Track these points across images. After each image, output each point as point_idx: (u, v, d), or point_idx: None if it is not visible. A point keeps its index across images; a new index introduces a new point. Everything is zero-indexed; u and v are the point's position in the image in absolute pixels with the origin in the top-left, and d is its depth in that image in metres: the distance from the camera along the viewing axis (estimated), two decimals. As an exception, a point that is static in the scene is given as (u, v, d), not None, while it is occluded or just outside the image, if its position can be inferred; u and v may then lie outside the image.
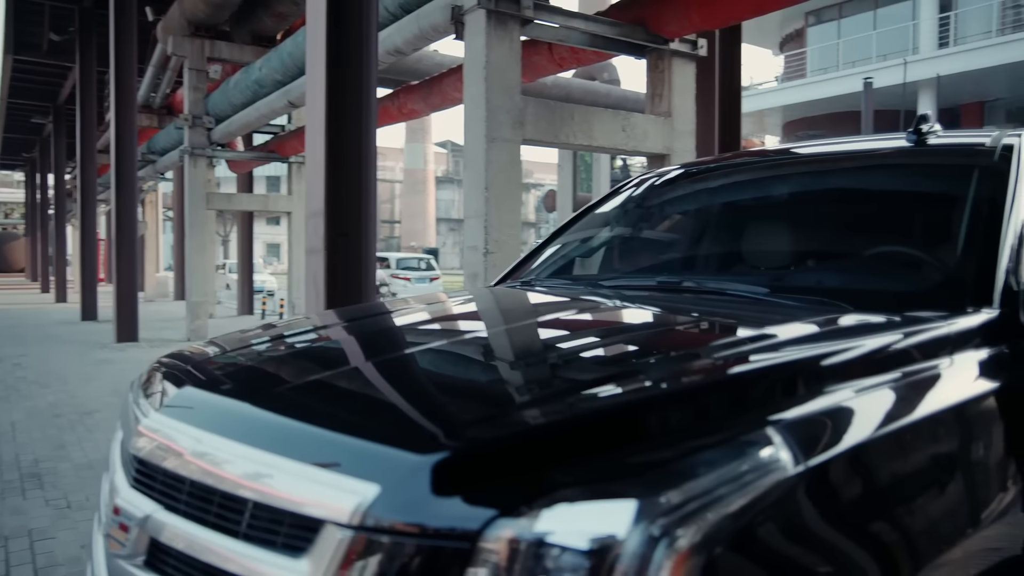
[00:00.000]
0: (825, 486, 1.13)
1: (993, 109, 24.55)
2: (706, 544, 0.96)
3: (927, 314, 1.61)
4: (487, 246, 5.29)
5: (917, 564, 1.21)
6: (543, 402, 1.27)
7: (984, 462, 1.43)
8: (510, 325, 1.98)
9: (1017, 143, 2.13)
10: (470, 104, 5.50)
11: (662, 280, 2.25)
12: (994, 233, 1.82)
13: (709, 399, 1.22)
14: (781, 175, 2.55)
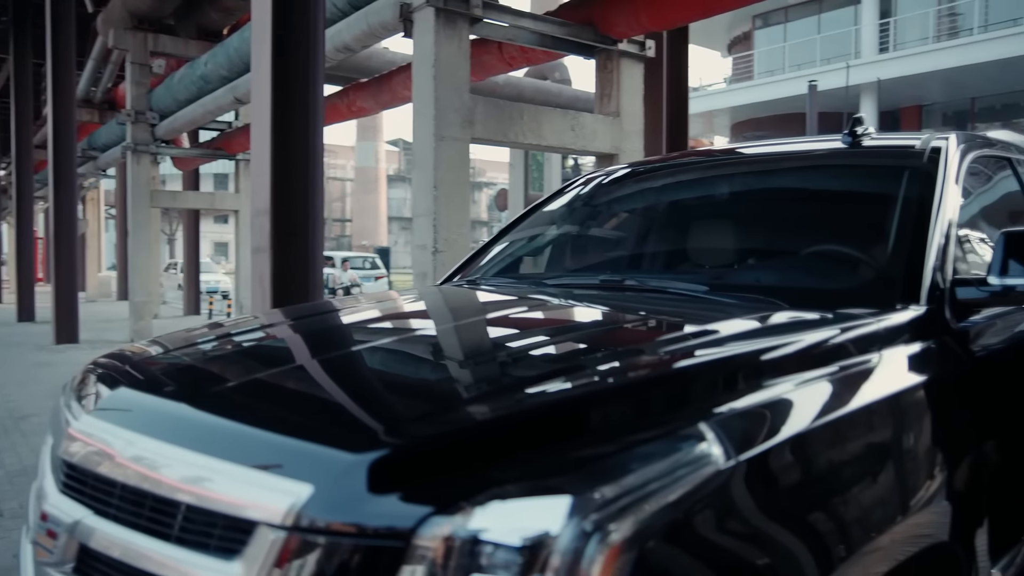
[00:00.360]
0: (758, 478, 1.16)
1: (930, 113, 25.35)
2: (638, 537, 0.98)
3: (858, 311, 1.66)
4: (436, 245, 5.28)
5: (849, 550, 1.24)
6: (481, 400, 1.28)
7: (911, 452, 1.48)
8: (451, 324, 1.98)
9: (945, 146, 2.21)
10: (419, 102, 5.48)
11: (605, 278, 2.27)
12: (922, 233, 1.89)
13: (645, 395, 1.24)
14: (721, 175, 2.60)
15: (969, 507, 1.59)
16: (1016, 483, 1.91)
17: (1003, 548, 1.78)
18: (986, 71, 21.19)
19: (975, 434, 1.67)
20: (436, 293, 2.50)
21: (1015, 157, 2.66)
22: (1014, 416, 1.89)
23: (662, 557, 1.01)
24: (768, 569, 1.12)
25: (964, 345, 1.78)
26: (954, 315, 1.80)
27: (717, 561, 1.08)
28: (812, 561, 1.17)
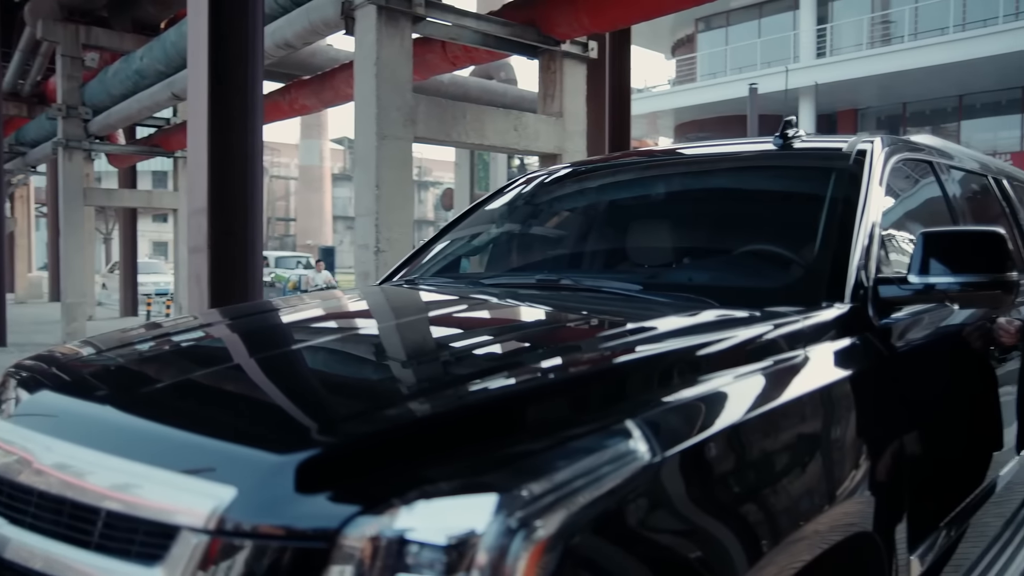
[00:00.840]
0: (685, 472, 1.17)
1: (866, 116, 26.16)
2: (564, 533, 0.98)
3: (785, 309, 1.70)
4: (378, 244, 5.24)
5: (775, 540, 1.27)
6: (410, 398, 1.27)
7: (835, 445, 1.52)
8: (384, 324, 1.97)
9: (870, 148, 2.28)
10: (361, 101, 5.43)
11: (541, 278, 2.29)
12: (847, 233, 1.95)
13: (572, 393, 1.25)
14: (657, 176, 2.64)
15: (890, 497, 1.65)
16: (934, 473, 1.98)
17: (921, 535, 1.84)
18: (916, 77, 21.96)
19: (896, 426, 1.72)
20: (372, 293, 2.48)
21: (936, 160, 2.76)
22: (932, 409, 1.96)
23: (588, 552, 1.03)
24: (696, 561, 1.15)
25: (886, 341, 1.84)
26: (877, 312, 1.86)
27: (645, 554, 1.09)
28: (738, 552, 1.20)
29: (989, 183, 3.38)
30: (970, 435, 2.29)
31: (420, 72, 7.77)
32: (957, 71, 21.16)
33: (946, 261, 1.84)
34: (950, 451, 2.11)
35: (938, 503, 2.00)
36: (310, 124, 47.10)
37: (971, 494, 2.22)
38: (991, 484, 2.40)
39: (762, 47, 25.92)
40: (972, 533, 2.34)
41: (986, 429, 2.38)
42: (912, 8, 23.39)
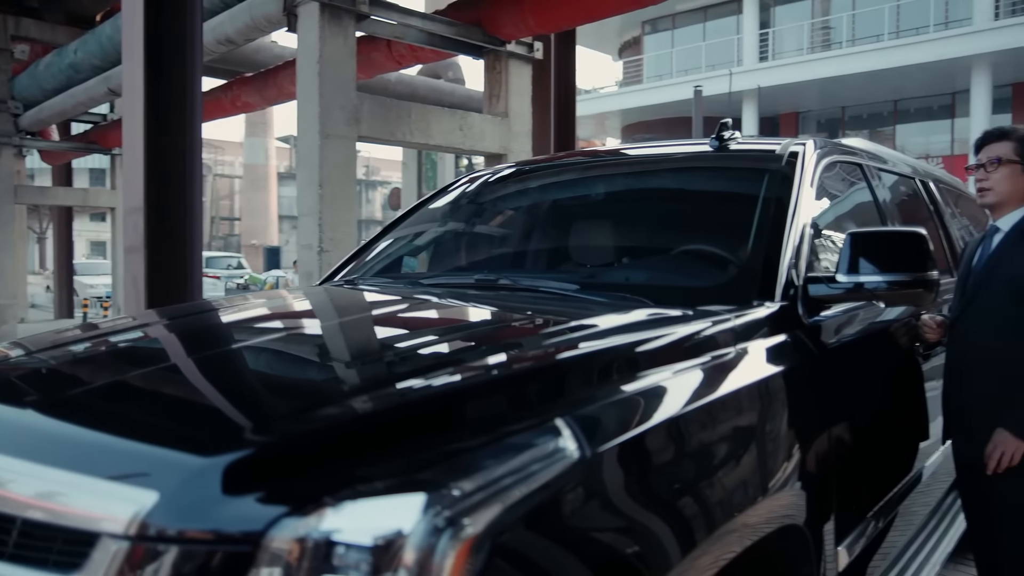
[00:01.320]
0: (615, 469, 1.19)
1: (807, 119, 26.81)
2: (492, 532, 0.98)
3: (717, 308, 1.73)
4: (322, 244, 5.18)
5: (706, 532, 1.30)
6: (339, 398, 1.26)
7: (764, 441, 1.56)
8: (319, 324, 1.95)
9: (802, 151, 2.34)
10: (303, 99, 5.36)
11: (480, 278, 2.29)
12: (778, 233, 1.99)
13: (505, 392, 1.25)
14: (597, 176, 2.67)
15: (818, 490, 1.69)
16: (861, 465, 2.04)
17: (849, 526, 1.90)
18: (853, 82, 22.59)
19: (824, 421, 1.77)
20: (310, 293, 2.45)
21: (866, 163, 2.85)
22: (860, 403, 2.02)
23: (518, 549, 1.03)
24: (627, 554, 1.16)
25: (816, 339, 1.89)
26: (807, 311, 1.91)
27: (576, 549, 1.10)
28: (670, 545, 1.22)
29: (917, 185, 3.50)
30: (896, 428, 2.36)
31: (365, 71, 7.70)
32: (891, 77, 21.84)
33: (872, 260, 1.90)
34: (877, 444, 2.18)
35: (866, 494, 2.07)
36: (255, 122, 46.24)
37: (898, 484, 2.30)
38: (917, 474, 2.49)
39: (707, 50, 26.37)
40: (900, 522, 2.42)
41: (912, 422, 2.47)
42: (850, 15, 24.06)
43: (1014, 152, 2.30)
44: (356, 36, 6.71)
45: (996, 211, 2.35)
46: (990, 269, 2.30)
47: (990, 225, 2.39)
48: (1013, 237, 2.29)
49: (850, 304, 2.09)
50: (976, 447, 2.30)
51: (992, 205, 2.35)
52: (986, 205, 2.37)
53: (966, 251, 2.53)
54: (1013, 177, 2.29)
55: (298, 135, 5.45)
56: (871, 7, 23.49)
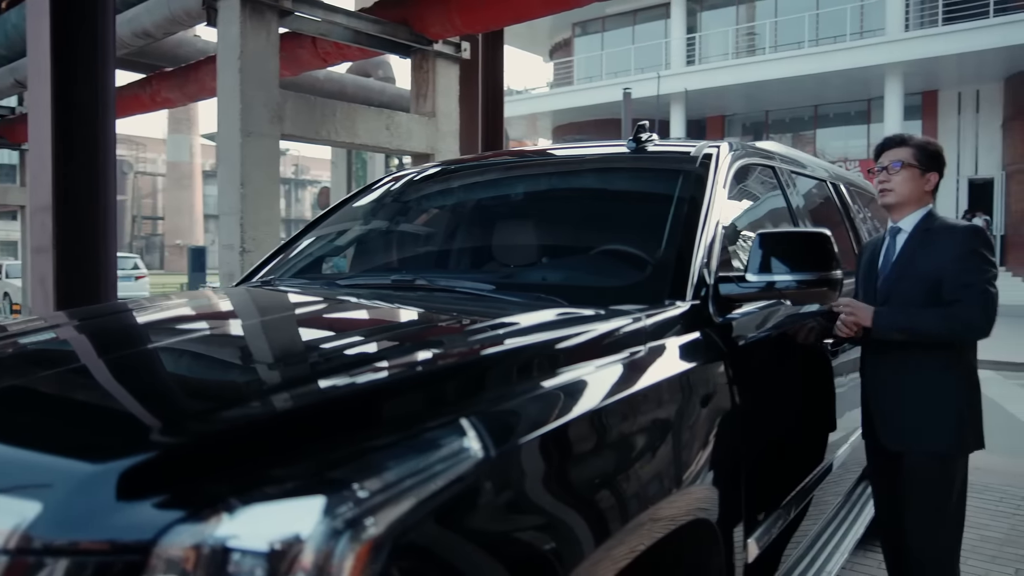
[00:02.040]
0: (522, 467, 1.19)
1: (732, 123, 27.50)
2: (394, 533, 0.97)
3: (629, 307, 1.75)
4: (244, 244, 5.06)
5: (610, 531, 1.30)
6: (242, 401, 1.23)
7: (672, 438, 1.57)
8: (228, 326, 1.90)
9: (716, 153, 2.39)
10: (224, 96, 5.23)
11: (397, 278, 2.27)
12: (691, 233, 2.03)
13: (410, 392, 1.24)
14: (516, 177, 2.68)
15: (727, 485, 1.73)
16: (771, 459, 2.10)
17: (758, 519, 1.95)
18: (776, 87, 23.29)
19: (733, 418, 1.81)
20: (224, 294, 2.39)
21: (779, 166, 2.93)
22: (769, 399, 2.08)
23: (421, 550, 1.02)
24: (535, 550, 1.16)
25: (726, 337, 1.93)
26: (718, 309, 1.95)
27: (482, 548, 1.09)
28: (575, 542, 1.22)
29: (828, 187, 3.62)
30: (806, 421, 2.44)
31: (291, 68, 7.56)
32: (812, 83, 22.60)
33: (780, 260, 1.96)
34: (787, 437, 2.25)
35: (776, 487, 2.13)
36: (179, 118, 44.91)
37: (808, 476, 2.38)
38: (827, 466, 2.58)
39: (636, 53, 26.79)
40: (813, 511, 2.50)
41: (821, 415, 2.55)
42: (772, 22, 24.78)
43: (913, 157, 2.42)
44: (280, 32, 6.61)
45: (895, 212, 2.47)
46: (900, 269, 2.41)
47: (891, 226, 2.50)
48: (917, 237, 2.40)
49: (760, 303, 2.15)
50: (891, 432, 2.41)
51: (892, 206, 2.46)
52: (886, 206, 2.48)
53: (864, 252, 2.63)
54: (912, 180, 2.41)
55: (218, 133, 5.31)
56: (792, 15, 24.25)
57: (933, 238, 2.36)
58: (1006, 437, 6.31)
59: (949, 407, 2.33)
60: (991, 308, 2.27)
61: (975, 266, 2.28)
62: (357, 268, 2.71)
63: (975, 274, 2.27)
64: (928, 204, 2.46)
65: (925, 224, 2.41)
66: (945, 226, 2.39)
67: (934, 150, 2.46)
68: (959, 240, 2.31)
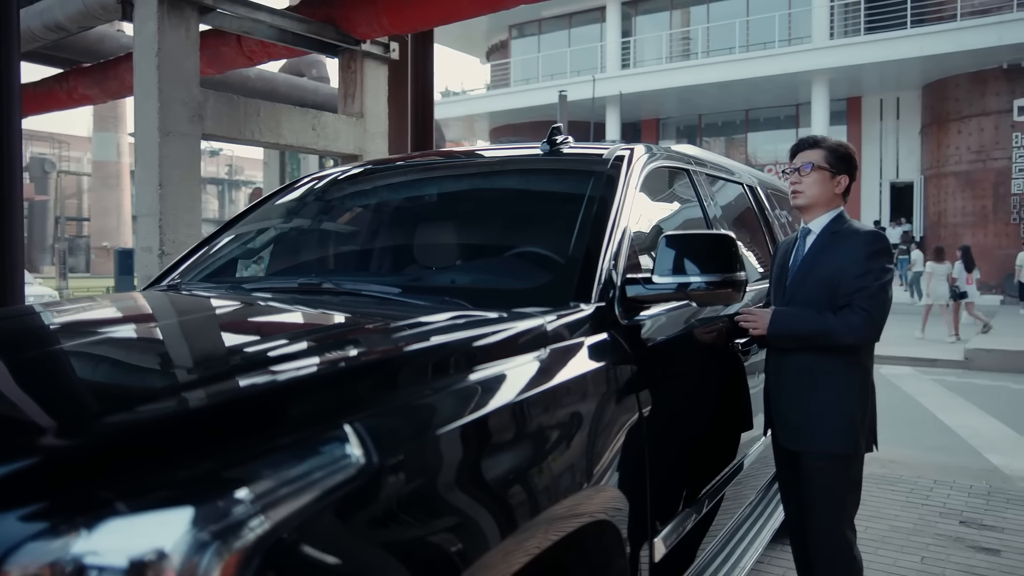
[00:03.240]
0: (413, 471, 1.16)
1: (667, 126, 27.98)
2: (265, 543, 0.94)
3: (532, 310, 1.75)
4: (162, 247, 4.91)
5: (513, 526, 1.29)
6: (114, 409, 1.17)
7: (573, 441, 1.56)
8: (117, 332, 1.83)
9: (628, 155, 2.41)
10: (141, 94, 5.06)
11: (303, 282, 2.23)
12: (599, 235, 2.04)
13: (293, 399, 1.20)
14: (430, 178, 2.65)
15: (631, 485, 1.75)
16: (679, 459, 2.12)
17: (665, 519, 1.97)
18: (709, 92, 23.80)
19: (639, 419, 1.82)
20: (122, 299, 2.30)
21: (693, 169, 2.98)
22: (676, 400, 2.10)
23: (295, 560, 0.99)
24: (421, 556, 1.14)
25: (632, 339, 1.94)
26: (624, 311, 1.97)
27: (360, 555, 1.07)
28: (464, 547, 1.20)
29: (744, 190, 3.70)
30: (715, 422, 2.48)
31: (215, 66, 7.38)
32: (743, 88, 23.17)
33: (686, 262, 1.99)
34: (695, 438, 2.27)
35: (683, 488, 2.15)
36: (105, 116, 43.37)
37: (718, 476, 2.41)
38: (739, 465, 2.63)
39: (572, 56, 27.02)
40: (726, 508, 2.54)
41: (731, 415, 2.59)
42: (705, 28, 25.31)
43: (824, 159, 2.47)
44: (202, 29, 6.44)
45: (806, 213, 2.52)
46: (806, 269, 2.46)
47: (802, 227, 2.56)
48: (825, 239, 2.46)
49: (668, 304, 2.17)
50: (789, 432, 2.46)
51: (803, 207, 2.51)
52: (798, 206, 2.54)
53: (778, 251, 2.69)
54: (823, 182, 2.47)
55: (135, 132, 5.14)
56: (724, 21, 24.81)
57: (839, 241, 2.42)
58: (919, 431, 6.56)
59: (841, 409, 2.37)
60: (881, 313, 2.33)
61: (870, 270, 2.33)
62: (270, 270, 2.65)
63: (869, 278, 2.32)
64: (839, 207, 2.52)
65: (833, 227, 2.46)
66: (851, 230, 2.44)
67: (845, 153, 2.50)
68: (859, 244, 2.37)
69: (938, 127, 21.89)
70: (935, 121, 22.02)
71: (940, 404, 7.72)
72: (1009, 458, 5.62)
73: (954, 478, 4.89)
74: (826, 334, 2.34)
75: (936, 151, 21.97)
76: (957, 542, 3.77)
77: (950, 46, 19.53)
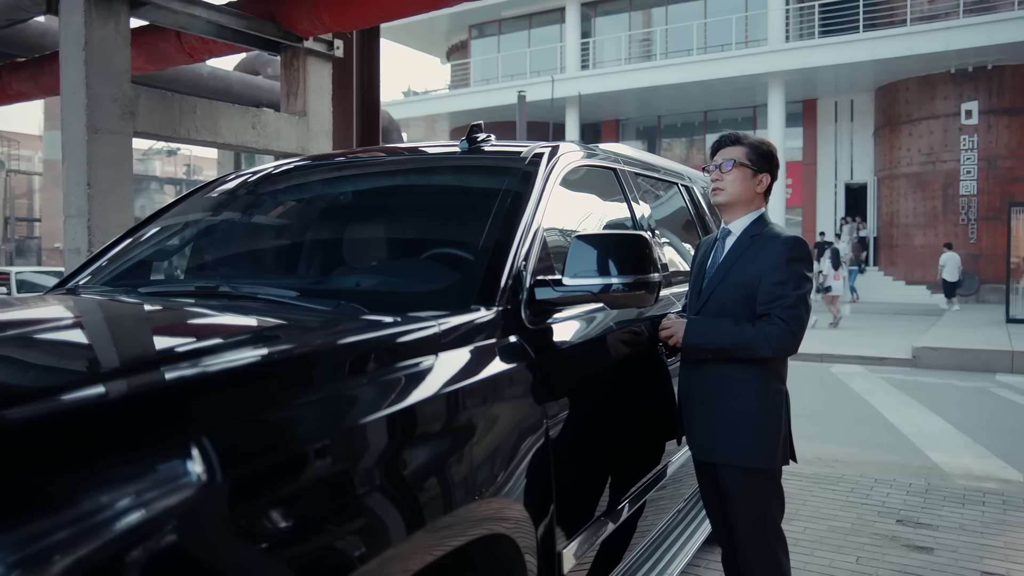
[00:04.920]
0: (269, 489, 1.08)
1: (627, 127, 28.11)
2: (80, 571, 0.86)
3: (429, 313, 1.66)
4: (91, 248, 4.73)
5: (400, 537, 1.23)
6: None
7: (470, 448, 1.49)
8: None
9: (546, 153, 2.35)
10: (68, 90, 4.88)
11: (200, 285, 2.12)
12: (508, 236, 1.97)
13: (138, 413, 1.10)
14: (344, 177, 2.57)
15: (534, 496, 1.68)
16: (588, 470, 2.05)
17: (575, 529, 1.91)
18: (668, 93, 23.96)
19: (543, 428, 1.75)
20: (12, 304, 2.17)
21: (622, 168, 2.93)
22: (587, 407, 2.01)
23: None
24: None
25: (539, 343, 1.87)
26: (534, 315, 1.90)
27: None
28: (330, 567, 1.13)
29: (680, 190, 3.66)
30: (631, 429, 2.40)
31: (155, 63, 7.18)
32: (701, 89, 23.37)
33: (598, 263, 1.92)
34: (608, 446, 2.19)
35: (595, 498, 2.07)
36: (56, 114, 42.27)
37: (636, 485, 2.34)
38: (659, 473, 2.57)
39: (532, 56, 27.01)
40: (648, 517, 2.48)
41: (649, 421, 2.52)
42: (664, 29, 25.47)
43: (746, 156, 2.42)
44: (142, 25, 6.25)
45: (727, 212, 2.46)
46: (723, 272, 2.39)
47: (722, 227, 2.50)
48: (744, 241, 2.40)
49: (581, 308, 2.11)
50: (702, 443, 2.40)
51: (723, 205, 2.45)
52: (718, 204, 2.48)
53: (699, 250, 2.62)
54: (744, 180, 2.41)
55: (62, 129, 4.96)
56: (682, 23, 25.01)
57: (758, 245, 2.34)
58: (865, 429, 6.62)
59: (755, 419, 2.28)
60: (799, 326, 2.24)
61: (789, 278, 2.26)
62: (177, 272, 2.54)
63: (788, 287, 2.25)
64: (760, 207, 2.46)
65: (754, 229, 2.39)
66: (772, 234, 2.36)
67: (767, 150, 2.43)
68: (778, 250, 2.29)
69: (890, 129, 22.29)
70: (887, 123, 22.43)
71: (887, 402, 7.82)
72: (949, 455, 5.70)
73: (895, 476, 4.93)
74: (743, 346, 2.25)
75: (888, 153, 22.38)
76: (893, 541, 3.79)
77: (900, 50, 19.90)
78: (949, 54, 19.65)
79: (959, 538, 3.82)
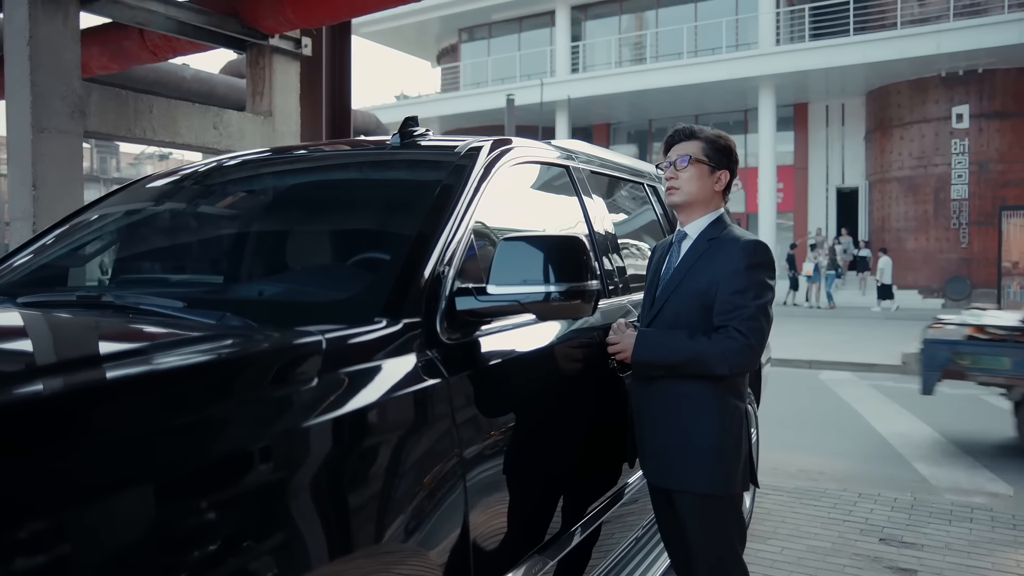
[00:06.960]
0: (91, 533, 0.90)
1: (618, 130, 27.97)
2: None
3: (318, 328, 1.43)
4: (35, 254, 4.50)
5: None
6: None
7: (367, 484, 1.30)
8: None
9: (484, 148, 2.12)
10: (12, 87, 4.66)
11: (82, 295, 1.90)
12: (428, 241, 1.74)
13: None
14: (265, 175, 2.34)
15: (445, 541, 1.46)
16: (512, 505, 1.79)
17: (496, 571, 1.68)
18: (659, 97, 23.83)
19: (454, 457, 1.53)
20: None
21: (576, 166, 2.71)
22: (511, 436, 1.76)
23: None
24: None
25: (456, 361, 1.63)
26: (453, 328, 1.68)
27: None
28: None
29: (645, 190, 3.45)
30: (570, 454, 2.13)
31: (119, 61, 6.97)
32: (692, 93, 23.24)
33: (529, 270, 1.70)
34: (540, 478, 1.93)
35: (528, 536, 1.84)
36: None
37: (580, 516, 2.10)
38: (613, 496, 2.34)
39: (522, 60, 26.86)
40: (604, 543, 2.26)
41: (592, 445, 2.26)
42: (654, 33, 25.34)
43: (702, 152, 2.20)
44: (102, 22, 6.05)
45: (683, 213, 2.24)
46: (678, 279, 2.17)
47: (678, 230, 2.29)
48: (701, 245, 2.18)
49: (507, 319, 1.88)
50: (655, 467, 2.18)
51: (679, 205, 2.23)
52: (674, 204, 2.26)
53: (654, 254, 2.40)
54: (701, 177, 2.19)
55: (7, 128, 4.73)
56: (673, 26, 24.88)
57: (716, 249, 2.12)
58: (852, 439, 6.41)
59: (709, 442, 2.07)
60: (759, 339, 2.02)
61: (749, 286, 2.03)
62: (78, 279, 2.31)
63: (747, 296, 2.02)
64: (719, 208, 2.25)
65: (712, 232, 2.17)
66: (730, 236, 2.14)
67: (724, 145, 2.21)
68: (737, 255, 2.07)
69: (881, 133, 22.17)
70: (878, 127, 22.31)
71: (874, 411, 7.61)
72: (936, 467, 5.49)
73: (879, 490, 4.72)
74: (697, 362, 2.02)
75: (880, 157, 22.25)
76: (874, 562, 3.57)
77: (891, 53, 19.79)
78: (940, 57, 19.54)
79: (944, 558, 3.61)
